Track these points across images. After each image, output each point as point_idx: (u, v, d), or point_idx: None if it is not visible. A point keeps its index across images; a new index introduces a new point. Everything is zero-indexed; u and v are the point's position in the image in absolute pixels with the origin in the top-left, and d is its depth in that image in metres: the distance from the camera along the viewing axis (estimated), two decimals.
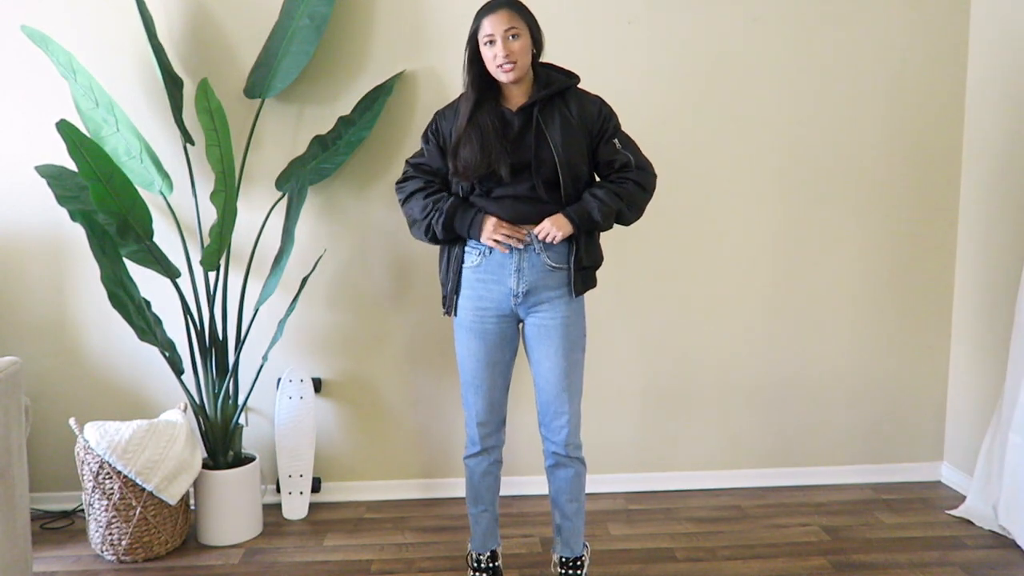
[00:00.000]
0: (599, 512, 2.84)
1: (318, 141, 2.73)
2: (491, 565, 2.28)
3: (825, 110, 2.91)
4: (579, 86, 2.17)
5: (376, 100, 2.72)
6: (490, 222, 2.08)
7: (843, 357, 3.03)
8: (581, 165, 2.10)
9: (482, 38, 2.03)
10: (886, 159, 2.95)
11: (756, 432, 3.04)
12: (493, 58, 2.02)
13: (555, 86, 2.09)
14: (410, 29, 2.78)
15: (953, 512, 2.78)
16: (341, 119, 2.73)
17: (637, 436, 3.01)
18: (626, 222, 2.17)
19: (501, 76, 2.04)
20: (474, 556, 2.29)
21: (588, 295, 2.90)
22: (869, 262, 2.99)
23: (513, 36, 2.01)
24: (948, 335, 3.05)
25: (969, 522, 2.72)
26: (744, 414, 3.03)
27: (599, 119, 2.14)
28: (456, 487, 2.93)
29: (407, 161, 2.23)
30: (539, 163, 2.06)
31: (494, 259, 2.11)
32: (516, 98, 2.11)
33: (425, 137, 2.19)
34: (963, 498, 2.86)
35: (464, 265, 2.15)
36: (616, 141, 2.15)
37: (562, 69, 2.16)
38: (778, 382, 3.02)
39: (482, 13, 2.04)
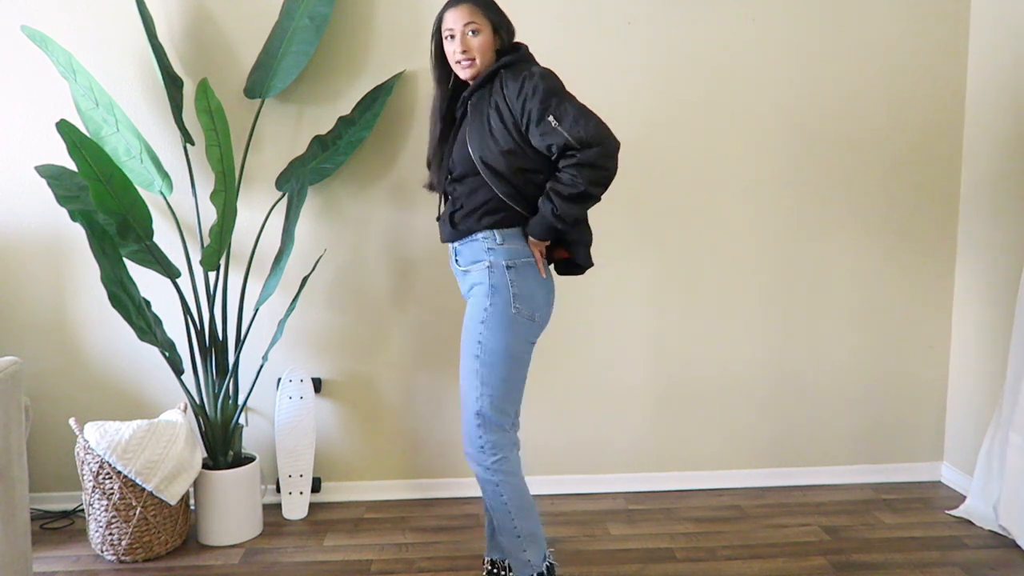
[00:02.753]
0: (599, 512, 2.84)
1: (318, 141, 2.73)
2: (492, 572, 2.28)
3: (825, 110, 2.91)
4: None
5: (376, 100, 2.72)
6: None
7: (843, 357, 3.03)
8: (496, 158, 1.97)
9: (444, 32, 2.04)
10: (886, 159, 2.95)
11: (756, 432, 3.04)
12: (453, 54, 2.03)
13: (478, 79, 2.03)
14: (410, 29, 2.78)
15: (953, 512, 2.78)
16: (341, 119, 2.73)
17: (637, 436, 3.01)
18: (592, 202, 2.00)
19: (460, 72, 2.04)
20: (486, 561, 2.30)
21: (588, 295, 2.90)
22: (869, 262, 2.99)
23: (473, 32, 2.00)
24: (948, 335, 3.05)
25: (969, 522, 2.72)
26: (744, 414, 3.03)
27: (520, 100, 1.94)
28: (455, 487, 2.93)
29: None
30: (452, 162, 2.07)
31: None
32: None
33: None
34: (963, 498, 2.86)
35: None
36: (551, 119, 1.91)
37: (512, 48, 2.06)
38: (778, 382, 3.02)
39: (444, 8, 2.05)
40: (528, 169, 1.99)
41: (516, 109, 1.95)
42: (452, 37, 2.02)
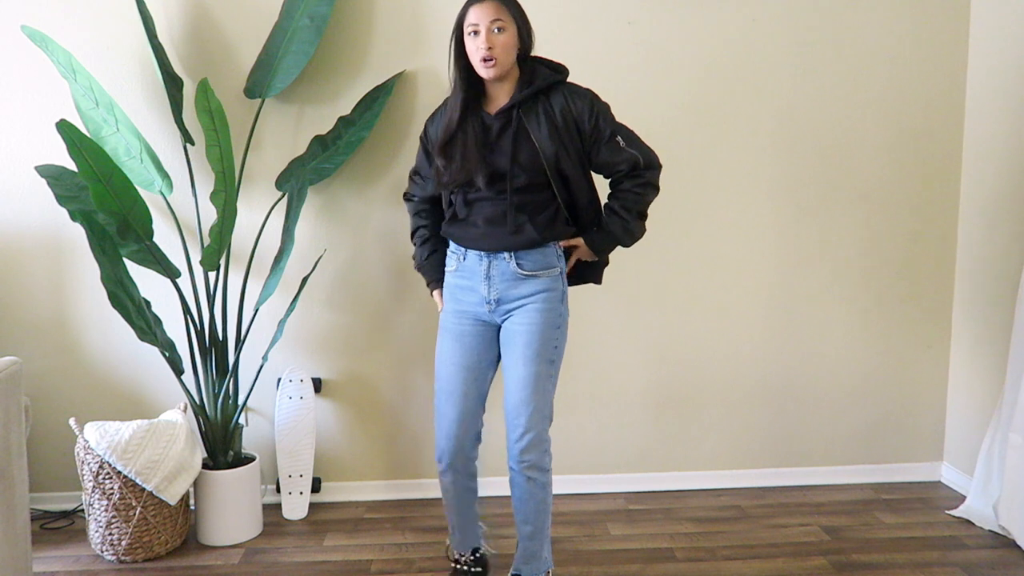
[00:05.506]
0: (599, 512, 2.84)
1: (318, 141, 2.73)
2: (473, 558, 2.31)
3: (825, 110, 2.91)
4: (571, 80, 2.10)
5: (376, 100, 2.72)
6: (436, 300, 2.27)
7: (843, 357, 3.03)
8: (570, 166, 2.03)
9: (467, 28, 1.98)
10: (886, 159, 2.95)
11: (756, 432, 3.04)
12: (476, 50, 1.97)
13: (536, 85, 2.02)
14: (410, 29, 2.78)
15: (953, 512, 2.78)
16: (341, 119, 2.73)
17: (637, 436, 3.01)
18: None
19: (482, 71, 1.98)
20: (456, 554, 2.32)
21: (587, 294, 2.90)
22: (869, 262, 2.99)
23: (499, 29, 1.95)
24: (948, 335, 3.05)
25: (969, 522, 2.72)
26: (744, 414, 3.03)
27: (592, 118, 2.04)
28: None
29: (409, 173, 2.30)
30: (517, 169, 2.01)
31: (468, 265, 2.10)
32: (498, 98, 2.06)
33: (420, 141, 2.23)
34: (963, 498, 2.86)
35: (447, 270, 2.18)
36: (619, 139, 2.07)
37: (550, 63, 2.09)
38: (778, 382, 3.02)
39: (468, 3, 1.99)
40: (584, 178, 2.11)
41: (588, 124, 2.04)
42: (476, 33, 1.96)
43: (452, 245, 2.15)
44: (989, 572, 2.40)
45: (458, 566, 2.31)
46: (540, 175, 2.02)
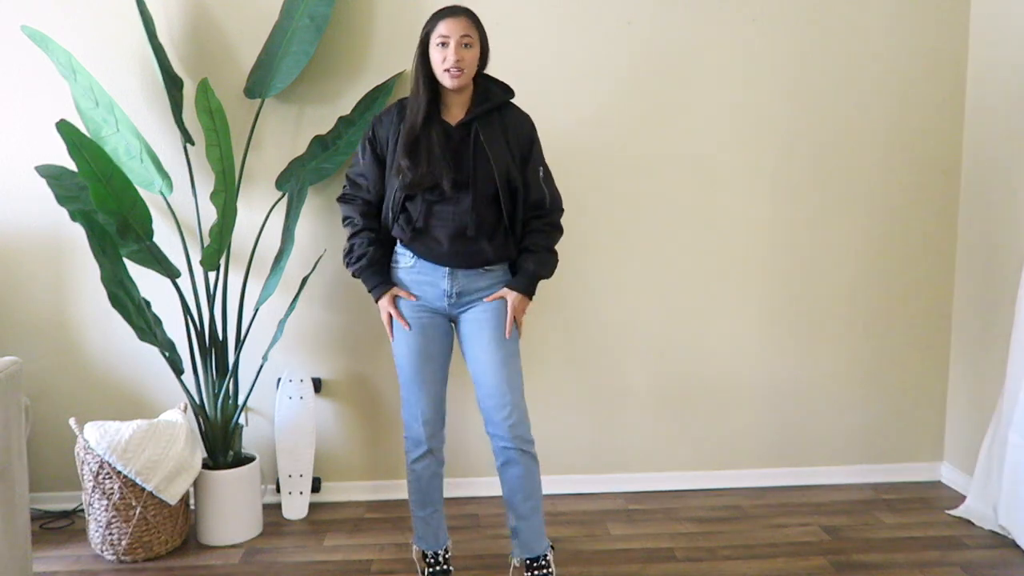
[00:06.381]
0: (599, 512, 2.84)
1: (318, 141, 2.73)
2: (446, 556, 2.31)
3: (825, 110, 2.91)
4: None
5: (376, 100, 2.72)
6: (384, 307, 2.19)
7: (843, 357, 3.03)
8: (516, 181, 2.15)
9: (435, 38, 2.07)
10: (886, 159, 2.95)
11: (756, 432, 3.04)
12: (442, 60, 2.06)
13: (493, 101, 2.14)
14: (410, 29, 2.77)
15: (953, 512, 2.78)
16: (341, 119, 2.73)
17: (637, 436, 3.01)
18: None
19: (446, 80, 2.07)
20: (430, 555, 2.31)
21: (588, 295, 2.91)
22: (869, 262, 2.99)
23: (467, 44, 2.06)
24: (948, 335, 3.05)
25: (969, 522, 2.72)
26: (744, 414, 3.03)
27: (529, 143, 2.20)
28: (455, 487, 2.93)
29: (347, 174, 2.28)
30: (477, 180, 2.10)
31: (427, 263, 2.16)
32: (455, 108, 2.15)
33: (363, 145, 2.22)
34: (963, 498, 2.86)
35: (399, 266, 2.21)
36: (541, 171, 2.20)
37: (500, 82, 2.21)
38: (778, 382, 3.02)
39: (440, 16, 2.09)
40: (523, 192, 2.20)
41: (525, 147, 2.18)
42: (444, 45, 2.05)
43: (404, 246, 2.20)
44: (989, 572, 2.40)
45: (437, 567, 2.29)
46: (494, 187, 2.12)
